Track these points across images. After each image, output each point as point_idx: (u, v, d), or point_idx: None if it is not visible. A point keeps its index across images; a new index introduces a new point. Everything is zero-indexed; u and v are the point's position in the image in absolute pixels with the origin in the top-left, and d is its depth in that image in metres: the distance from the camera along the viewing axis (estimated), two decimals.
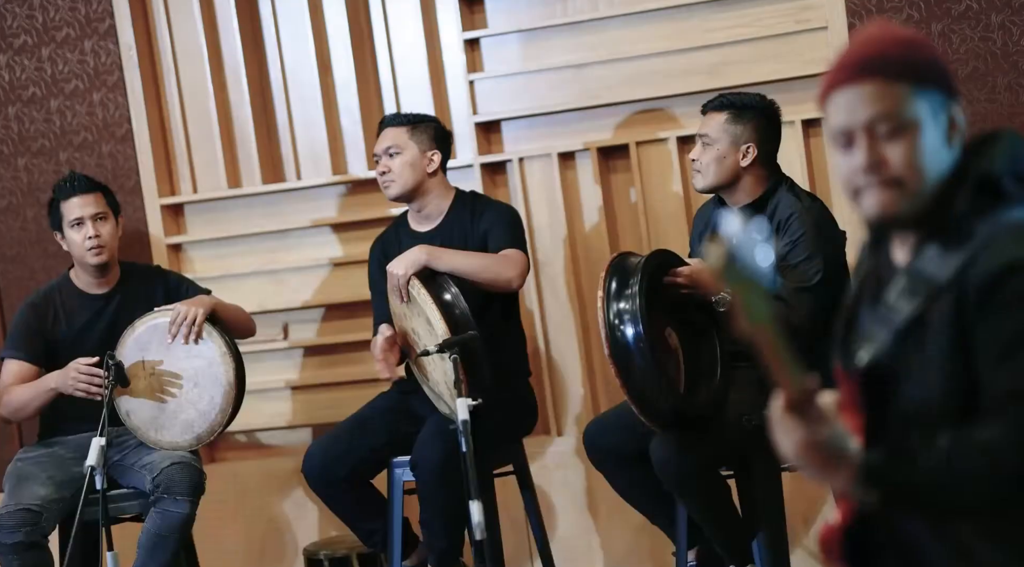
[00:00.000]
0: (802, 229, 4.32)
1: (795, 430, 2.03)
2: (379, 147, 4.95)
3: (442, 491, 4.60)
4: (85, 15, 5.91)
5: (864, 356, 2.21)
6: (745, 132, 4.46)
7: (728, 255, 1.90)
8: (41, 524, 4.69)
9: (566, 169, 5.53)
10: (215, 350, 4.84)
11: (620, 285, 4.24)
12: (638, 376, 4.19)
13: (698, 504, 4.33)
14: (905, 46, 2.18)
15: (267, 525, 5.89)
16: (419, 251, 4.71)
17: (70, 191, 4.99)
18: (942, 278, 2.13)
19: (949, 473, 2.01)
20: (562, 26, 5.50)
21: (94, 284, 5.05)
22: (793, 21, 5.21)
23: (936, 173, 2.17)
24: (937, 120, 2.17)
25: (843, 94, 2.18)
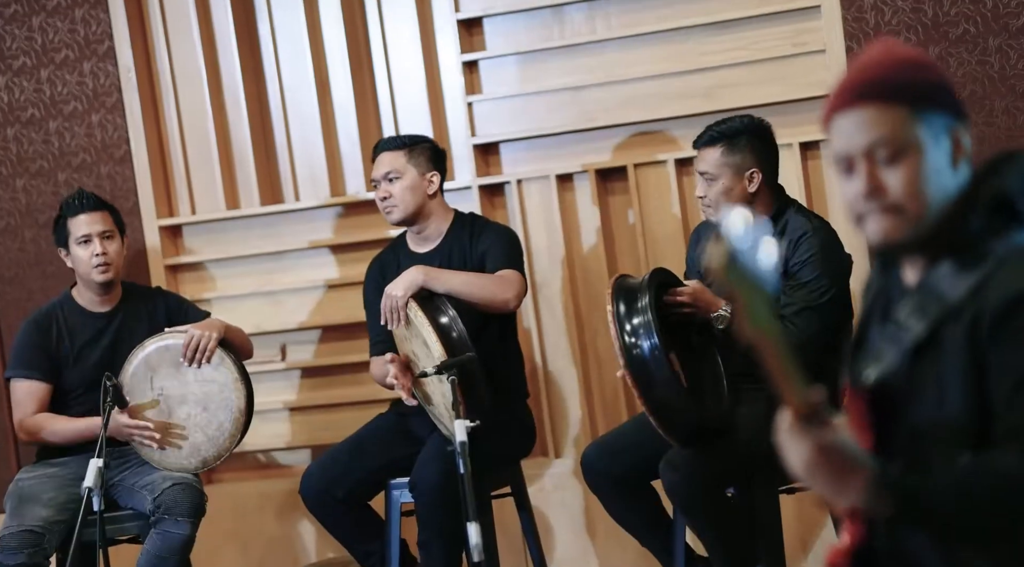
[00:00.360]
0: (812, 250, 4.33)
1: (803, 440, 1.99)
2: (377, 173, 4.95)
3: (440, 513, 4.59)
4: (84, 37, 5.93)
5: (872, 374, 2.19)
6: (745, 159, 4.44)
7: (731, 254, 1.88)
8: (43, 546, 4.68)
9: (564, 191, 5.54)
10: (228, 376, 4.84)
11: (629, 303, 4.26)
12: (658, 388, 4.20)
13: (708, 525, 4.33)
14: (906, 68, 2.15)
15: (265, 546, 5.88)
16: (416, 272, 4.71)
17: (78, 208, 4.99)
18: (954, 297, 2.11)
19: (964, 492, 1.99)
20: (560, 48, 5.51)
21: (97, 302, 5.05)
22: (791, 44, 5.23)
23: (940, 197, 2.14)
24: (939, 143, 2.14)
25: (843, 118, 2.16)
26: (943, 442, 2.10)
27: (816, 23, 5.17)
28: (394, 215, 4.93)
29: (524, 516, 4.99)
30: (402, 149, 4.94)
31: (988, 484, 1.99)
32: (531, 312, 5.53)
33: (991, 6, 4.96)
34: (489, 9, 5.57)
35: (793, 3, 5.22)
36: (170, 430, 4.83)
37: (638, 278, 4.39)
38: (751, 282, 1.89)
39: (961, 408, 2.09)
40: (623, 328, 4.23)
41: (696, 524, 4.35)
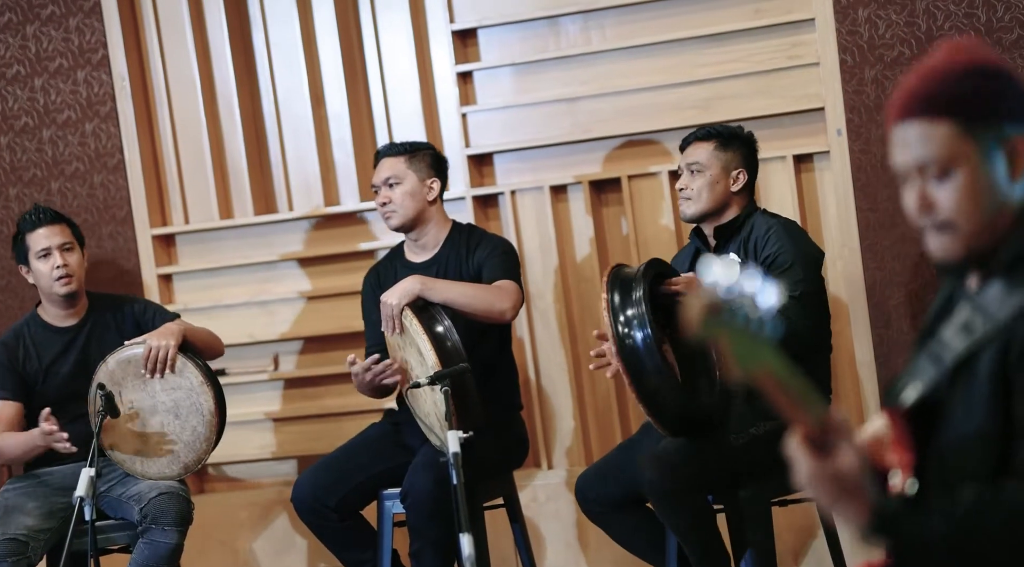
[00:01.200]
0: (779, 242, 4.40)
1: (810, 462, 1.97)
2: (377, 178, 4.95)
3: (432, 523, 4.59)
4: (78, 46, 5.92)
5: (912, 393, 2.15)
6: (734, 159, 4.55)
7: (708, 306, 1.84)
8: (28, 554, 4.68)
9: (558, 202, 5.54)
10: (193, 380, 4.81)
11: (623, 294, 4.29)
12: (649, 377, 4.23)
13: (683, 525, 4.32)
14: (959, 79, 2.10)
15: (256, 556, 5.87)
16: (413, 281, 4.71)
17: (36, 223, 4.98)
18: (999, 318, 2.06)
19: (966, 529, 1.95)
20: (554, 60, 5.52)
21: (62, 316, 5.04)
22: (785, 57, 5.24)
23: (994, 211, 2.09)
24: (992, 157, 2.08)
25: (897, 131, 2.13)
26: (965, 467, 2.06)
27: (810, 36, 5.18)
28: (393, 220, 4.93)
29: (516, 527, 4.99)
30: (403, 155, 4.94)
31: (994, 521, 1.94)
32: (524, 323, 5.53)
33: (984, 20, 4.97)
34: (484, 20, 5.58)
35: (787, 16, 5.23)
36: (150, 441, 4.82)
37: (634, 268, 4.41)
38: (734, 328, 1.86)
39: (985, 432, 2.04)
40: (616, 318, 4.26)
41: (672, 524, 4.35)
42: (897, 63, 5.04)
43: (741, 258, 4.45)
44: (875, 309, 5.11)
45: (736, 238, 4.52)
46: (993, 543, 1.95)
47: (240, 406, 5.87)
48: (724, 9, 5.32)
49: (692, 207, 4.56)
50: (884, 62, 5.06)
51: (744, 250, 4.46)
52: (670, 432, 4.33)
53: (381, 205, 4.94)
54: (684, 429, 4.32)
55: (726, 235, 4.54)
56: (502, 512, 4.99)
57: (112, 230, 5.93)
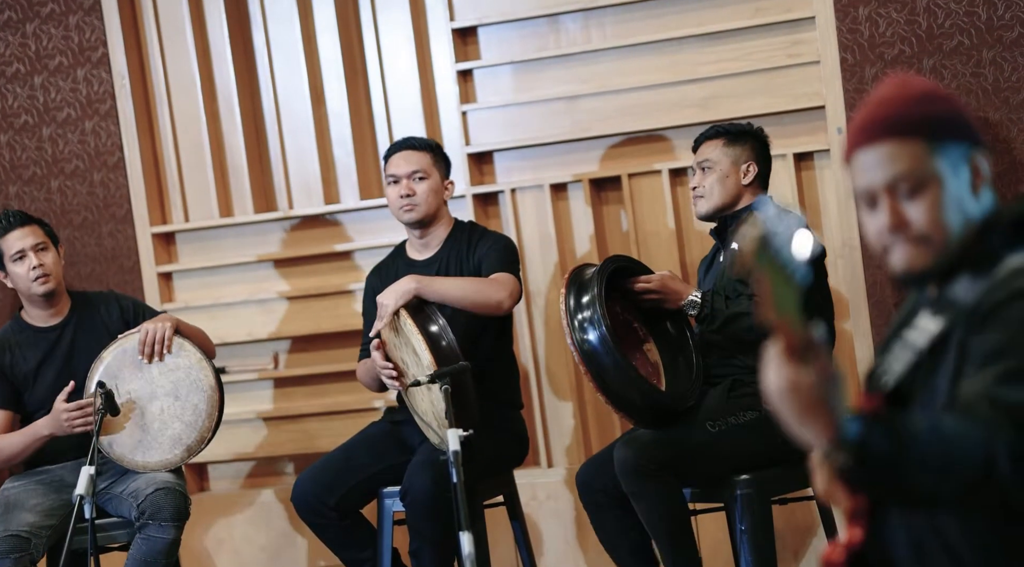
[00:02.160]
0: None
1: (786, 370, 1.96)
2: (401, 169, 4.90)
3: (432, 522, 4.58)
4: (78, 43, 5.92)
5: (889, 379, 2.21)
6: (744, 152, 4.54)
7: (763, 238, 1.88)
8: (30, 551, 4.68)
9: (558, 200, 5.54)
10: (191, 357, 4.81)
11: (579, 296, 4.33)
12: (611, 375, 4.28)
13: (651, 508, 4.31)
14: (920, 102, 2.19)
15: (256, 555, 5.87)
16: (409, 280, 4.70)
17: (7, 227, 4.95)
18: (965, 303, 2.13)
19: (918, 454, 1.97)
20: (555, 58, 5.51)
21: (45, 316, 5.03)
22: (785, 55, 5.24)
23: (962, 223, 2.18)
24: (958, 172, 2.18)
25: (863, 155, 2.20)
26: None
27: (811, 34, 5.18)
28: (413, 214, 4.89)
29: (516, 525, 4.99)
30: (428, 150, 4.92)
31: (938, 449, 1.97)
32: (524, 321, 5.53)
33: (985, 18, 4.97)
34: (484, 18, 5.58)
35: (788, 14, 5.22)
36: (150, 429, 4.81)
37: (594, 268, 4.44)
38: (780, 269, 1.90)
39: (945, 398, 2.11)
40: (572, 322, 4.30)
41: (640, 507, 4.35)
42: (898, 61, 5.04)
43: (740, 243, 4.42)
44: (875, 307, 5.11)
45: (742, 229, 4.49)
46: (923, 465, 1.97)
47: (240, 404, 5.88)
48: (724, 7, 5.31)
49: (705, 204, 4.54)
50: (885, 60, 5.06)
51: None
52: (643, 425, 4.39)
53: (402, 197, 4.89)
54: (656, 420, 4.36)
55: (732, 225, 4.52)
56: (502, 510, 4.99)
57: (112, 228, 5.93)
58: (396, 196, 4.89)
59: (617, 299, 4.49)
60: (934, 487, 1.98)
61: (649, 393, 4.32)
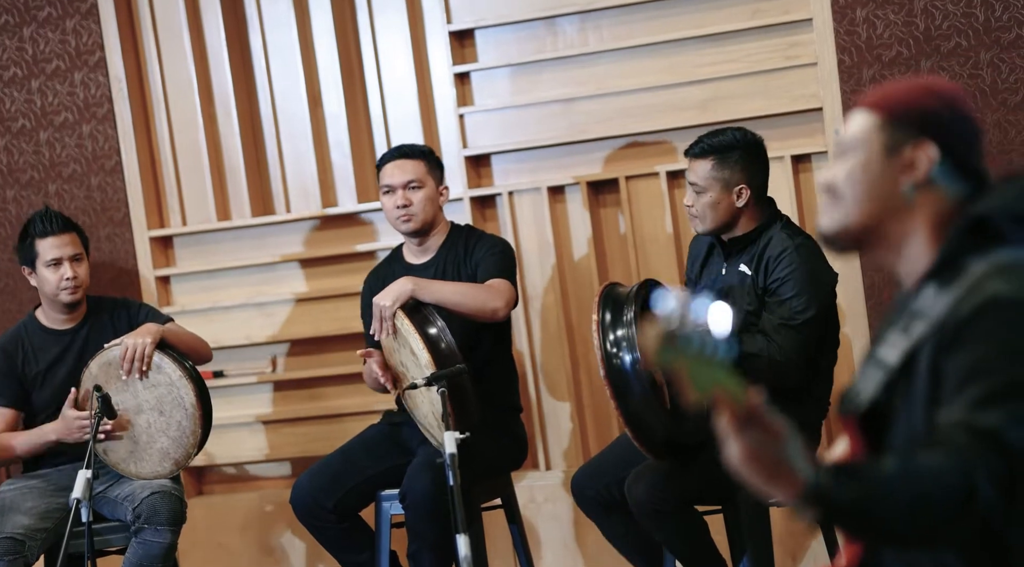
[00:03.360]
0: (791, 267, 4.30)
1: (738, 438, 1.99)
2: (395, 179, 4.89)
3: (430, 524, 4.58)
4: (75, 47, 5.92)
5: (862, 400, 2.20)
6: (734, 175, 4.40)
7: (663, 336, 1.91)
8: (24, 553, 4.68)
9: (556, 203, 5.54)
10: (172, 374, 4.80)
11: (615, 314, 4.26)
12: (636, 402, 4.21)
13: (674, 541, 4.33)
14: (908, 91, 2.29)
15: (256, 557, 5.87)
16: (405, 282, 4.70)
17: (47, 230, 4.96)
18: (933, 316, 2.12)
19: (889, 497, 1.97)
20: (552, 60, 5.51)
21: (62, 320, 5.05)
22: (783, 57, 5.23)
23: (872, 198, 2.25)
24: (889, 151, 2.24)
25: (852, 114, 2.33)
26: None
27: (808, 36, 5.17)
28: (412, 224, 4.89)
29: (514, 528, 4.98)
30: (421, 158, 4.90)
31: (913, 488, 1.96)
32: (522, 324, 5.52)
33: (983, 20, 4.96)
34: (481, 21, 5.57)
35: (785, 16, 5.22)
36: (139, 441, 4.81)
37: (628, 287, 4.39)
38: (689, 354, 1.92)
39: (922, 427, 2.09)
40: (606, 337, 4.24)
41: (662, 540, 4.35)
42: (895, 63, 5.03)
43: (751, 271, 4.39)
44: (873, 311, 5.11)
45: (751, 249, 4.42)
46: (910, 505, 1.97)
47: (238, 408, 5.87)
48: (722, 9, 5.31)
49: (700, 225, 4.46)
50: (882, 62, 5.05)
51: (756, 264, 4.38)
52: (654, 456, 4.32)
53: (398, 207, 4.89)
54: (668, 453, 4.32)
55: (740, 246, 4.46)
56: (500, 513, 4.99)
57: (110, 232, 5.93)
58: (392, 206, 4.88)
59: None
60: (911, 526, 1.98)
61: (668, 427, 4.27)
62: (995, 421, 1.96)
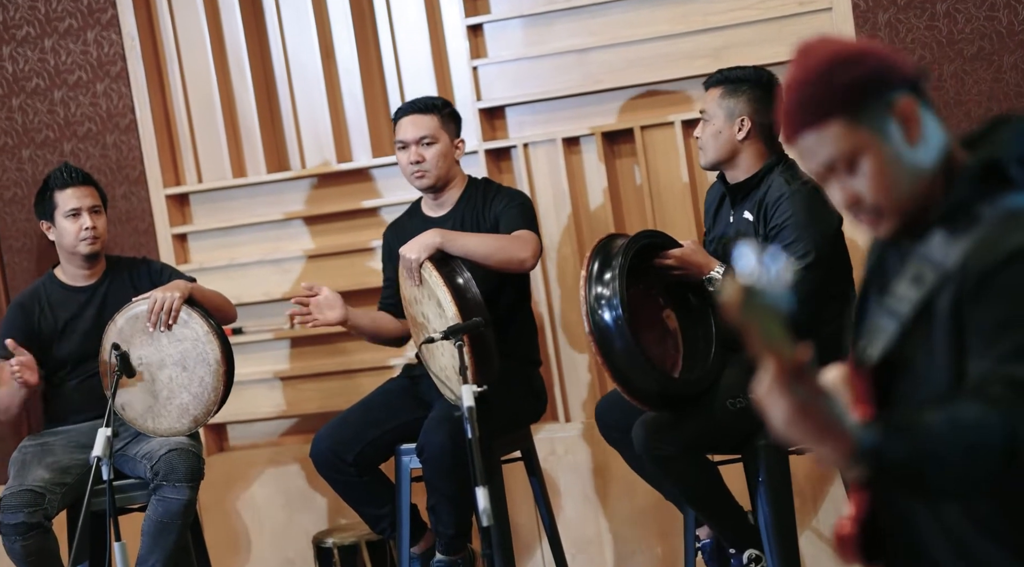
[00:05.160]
0: (789, 211, 4.30)
1: (785, 397, 1.94)
2: (408, 135, 4.88)
3: (448, 477, 4.59)
4: (87, 5, 5.91)
5: (874, 350, 2.18)
6: (739, 105, 4.45)
7: (744, 292, 1.88)
8: (44, 506, 4.71)
9: (571, 154, 5.52)
10: (198, 330, 4.82)
11: (602, 267, 4.28)
12: (620, 357, 4.22)
13: (684, 488, 4.33)
14: (823, 77, 2.14)
15: (276, 513, 5.89)
16: (433, 234, 4.69)
17: (67, 181, 5.01)
18: (947, 265, 2.10)
19: (939, 451, 1.95)
20: (565, 11, 5.48)
21: (80, 276, 5.07)
22: (797, 3, 5.20)
23: (911, 177, 2.15)
24: (886, 131, 2.14)
25: (795, 147, 2.20)
26: None
27: None
28: (425, 180, 4.89)
29: (534, 480, 4.99)
30: (434, 113, 4.89)
31: (960, 441, 1.95)
32: (539, 276, 5.51)
33: (1006, 23, 4.92)
34: None
35: None
36: (159, 397, 4.83)
37: (624, 239, 4.39)
38: (765, 312, 1.89)
39: (948, 376, 2.08)
40: (590, 293, 4.24)
41: (670, 485, 4.35)
42: (910, 6, 4.99)
43: (754, 217, 4.40)
44: None
45: (753, 195, 4.44)
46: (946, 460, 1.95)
47: (257, 364, 5.88)
48: None
49: (703, 157, 4.51)
50: (897, 5, 5.01)
51: (757, 210, 4.39)
52: (649, 407, 4.32)
53: (412, 163, 4.88)
54: (664, 404, 4.31)
55: (743, 191, 4.47)
56: (520, 465, 5.00)
57: (126, 190, 5.93)
58: (406, 162, 4.88)
59: (642, 274, 4.42)
60: (960, 480, 1.97)
61: (658, 381, 4.27)
62: None
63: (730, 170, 4.49)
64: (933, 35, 4.99)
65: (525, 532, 5.49)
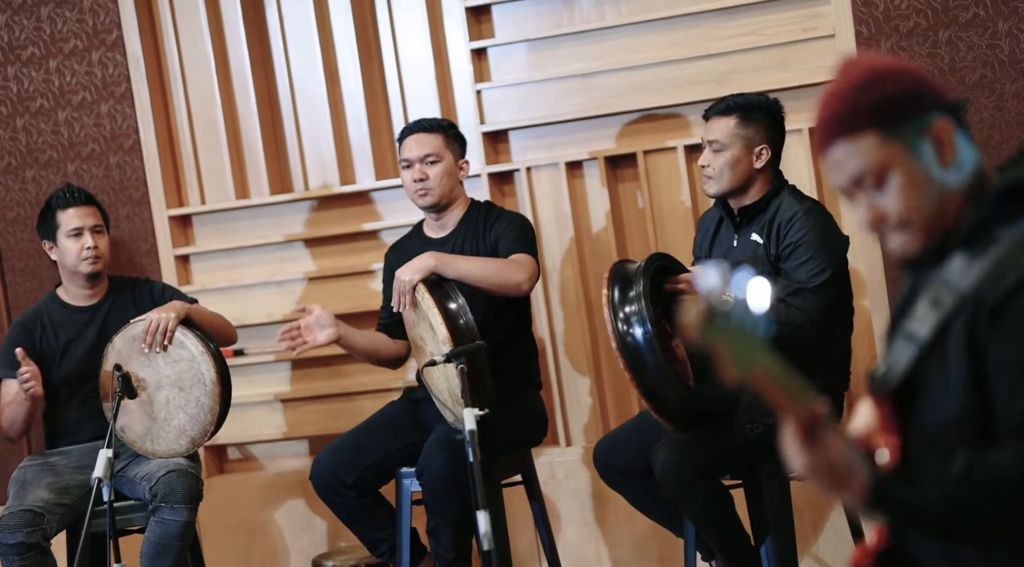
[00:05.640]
0: (803, 231, 4.31)
1: (804, 453, 2.02)
2: (413, 153, 4.90)
3: (449, 500, 4.58)
4: (93, 27, 5.92)
5: (893, 375, 2.18)
6: (757, 134, 4.44)
7: (706, 312, 1.88)
8: (43, 526, 4.70)
9: (574, 178, 5.53)
10: (193, 350, 4.82)
11: (623, 290, 4.26)
12: (651, 374, 4.20)
13: (698, 511, 4.32)
14: (864, 90, 2.15)
15: (276, 536, 5.89)
16: (428, 257, 4.70)
17: (69, 201, 5.02)
18: (963, 288, 2.10)
19: (958, 498, 1.99)
20: (569, 35, 5.49)
21: (82, 296, 5.08)
22: (800, 29, 5.21)
23: (938, 198, 2.14)
24: (919, 150, 2.14)
25: (826, 158, 2.20)
26: (947, 439, 2.09)
27: (825, 8, 5.15)
28: (429, 198, 4.90)
29: (534, 504, 4.98)
30: (439, 132, 4.91)
31: (982, 488, 1.98)
32: (541, 300, 5.52)
33: (1008, 51, 4.94)
34: None
35: None
36: (157, 418, 4.83)
37: (637, 263, 4.39)
38: (731, 331, 1.90)
39: (963, 402, 2.08)
40: (616, 314, 4.24)
41: (686, 510, 4.35)
42: (913, 34, 5.01)
43: (763, 239, 4.40)
44: (893, 283, 5.09)
45: (760, 218, 4.44)
46: (982, 509, 1.99)
47: (258, 386, 5.89)
48: None
49: (714, 186, 4.48)
50: (900, 33, 5.02)
51: (767, 232, 4.39)
52: (676, 427, 4.31)
53: (416, 181, 4.89)
54: (690, 424, 4.31)
55: (750, 214, 4.47)
56: (520, 489, 4.99)
57: (129, 211, 5.94)
58: (410, 180, 4.90)
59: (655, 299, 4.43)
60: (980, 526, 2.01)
61: (686, 396, 4.27)
62: None
63: (737, 198, 4.49)
64: (935, 63, 5.00)
65: (525, 556, 5.48)
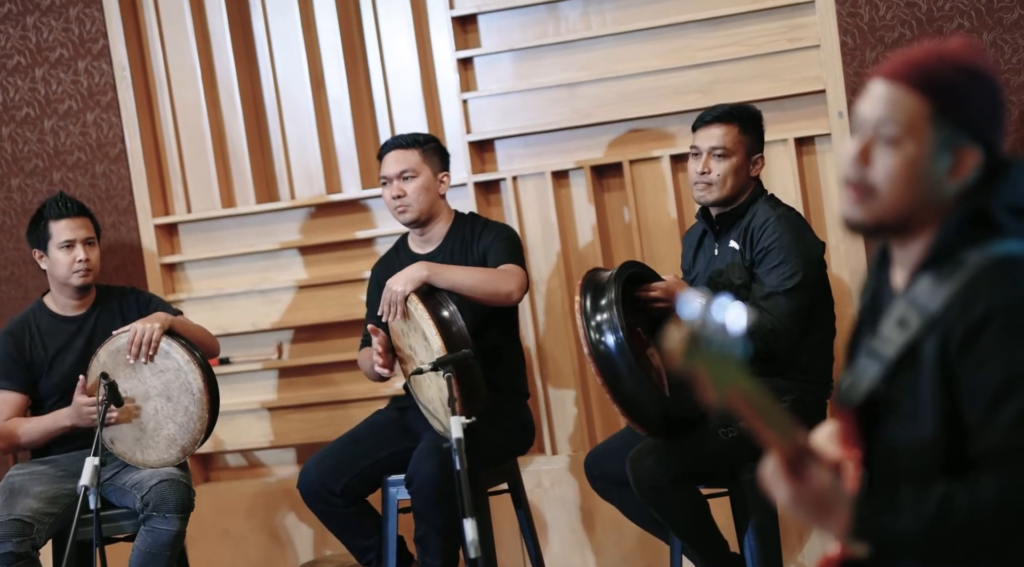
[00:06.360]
0: (775, 235, 4.36)
1: (788, 486, 2.05)
2: (390, 170, 4.91)
3: (436, 509, 4.59)
4: (79, 35, 5.92)
5: (857, 391, 2.20)
6: (755, 143, 4.52)
7: (689, 338, 1.91)
8: (32, 536, 4.70)
9: (560, 187, 5.54)
10: (180, 359, 4.82)
11: (595, 298, 4.29)
12: (624, 381, 4.22)
13: (673, 518, 4.33)
14: (956, 70, 2.14)
15: (263, 544, 5.88)
16: (419, 267, 4.71)
17: (62, 212, 5.00)
18: (931, 310, 2.11)
19: (940, 530, 2.01)
20: (555, 45, 5.51)
21: (70, 306, 5.07)
22: (785, 39, 5.23)
23: (921, 197, 2.14)
24: (940, 153, 2.13)
25: (876, 86, 2.17)
26: (914, 458, 2.12)
27: (811, 18, 5.17)
28: (408, 215, 4.91)
29: (521, 513, 4.99)
30: (416, 148, 4.91)
31: (964, 517, 2.00)
32: (527, 309, 5.53)
33: (985, 1, 4.96)
34: (484, 6, 5.57)
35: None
36: (147, 429, 4.83)
37: (609, 271, 4.41)
38: (711, 356, 1.92)
39: (934, 425, 2.10)
40: (589, 322, 4.26)
41: (662, 516, 4.36)
42: (898, 45, 5.03)
43: (740, 245, 4.44)
44: None
45: (738, 224, 4.49)
46: (963, 540, 2.01)
47: (244, 395, 5.89)
48: None
49: (715, 192, 4.49)
50: (885, 44, 5.05)
51: (743, 238, 4.44)
52: (650, 433, 4.33)
53: (394, 198, 4.91)
54: (664, 430, 4.32)
55: (728, 221, 4.52)
56: (506, 498, 5.00)
57: (115, 220, 5.94)
58: (389, 197, 4.92)
59: (629, 307, 4.44)
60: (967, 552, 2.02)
61: (660, 402, 4.29)
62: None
63: (724, 205, 4.52)
64: None
65: (511, 564, 5.48)
